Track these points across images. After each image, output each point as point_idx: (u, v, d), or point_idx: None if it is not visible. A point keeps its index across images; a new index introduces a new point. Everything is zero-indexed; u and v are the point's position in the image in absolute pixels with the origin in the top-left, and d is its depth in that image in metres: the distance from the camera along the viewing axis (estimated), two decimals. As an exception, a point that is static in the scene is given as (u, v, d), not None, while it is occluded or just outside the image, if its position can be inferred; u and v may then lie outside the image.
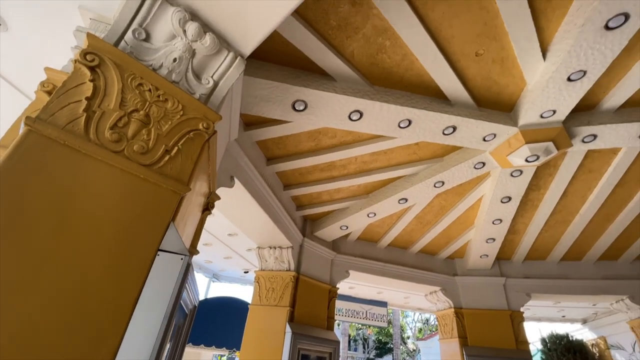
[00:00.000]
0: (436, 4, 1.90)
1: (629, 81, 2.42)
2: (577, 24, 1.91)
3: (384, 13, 1.89)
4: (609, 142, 2.85)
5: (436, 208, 4.06)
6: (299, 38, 2.01)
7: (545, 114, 2.58)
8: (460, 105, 2.63)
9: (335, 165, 3.36)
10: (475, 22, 2.00)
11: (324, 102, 2.38)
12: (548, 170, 3.33)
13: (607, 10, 1.80)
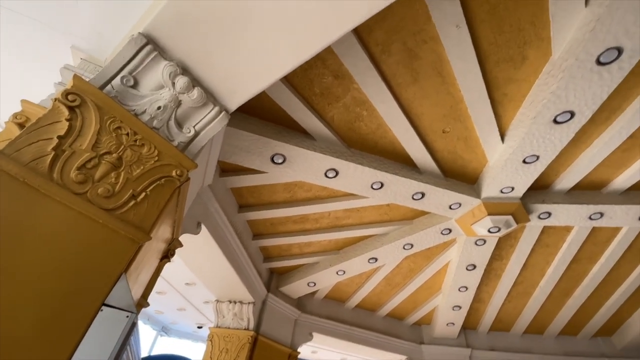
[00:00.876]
0: (409, 86, 2.12)
1: (577, 167, 2.72)
2: (530, 115, 2.18)
3: (362, 88, 2.08)
4: (562, 220, 3.08)
5: (405, 270, 4.05)
6: (284, 99, 2.15)
7: (505, 189, 2.79)
8: (429, 174, 2.80)
9: (309, 219, 3.36)
10: (442, 104, 2.24)
11: (303, 158, 2.46)
12: (509, 242, 3.50)
13: (555, 107, 2.09)
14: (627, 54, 1.76)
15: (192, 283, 4.15)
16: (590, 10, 1.66)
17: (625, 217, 2.98)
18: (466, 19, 1.72)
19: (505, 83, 2.10)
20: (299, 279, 3.99)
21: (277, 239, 3.52)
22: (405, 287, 4.25)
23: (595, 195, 2.95)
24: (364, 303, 4.66)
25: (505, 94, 2.17)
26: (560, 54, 1.86)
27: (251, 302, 3.57)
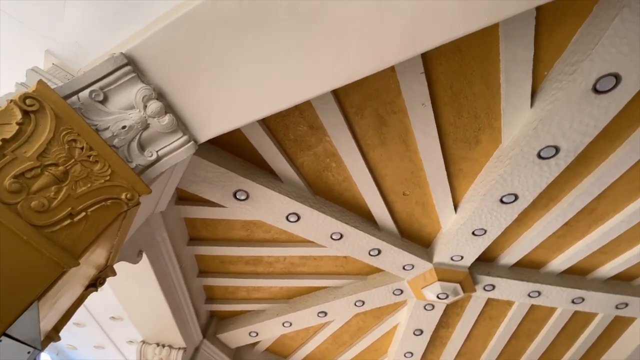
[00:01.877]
0: (376, 147, 2.26)
1: (519, 245, 2.93)
2: (480, 192, 2.38)
3: (334, 142, 2.18)
4: (504, 294, 3.23)
5: (354, 328, 3.92)
6: (257, 138, 2.18)
7: (455, 257, 2.92)
8: (387, 232, 2.87)
9: (262, 261, 3.23)
10: (404, 169, 2.39)
11: (267, 198, 2.43)
12: (456, 310, 3.56)
13: (502, 189, 2.30)
14: (564, 153, 2.03)
15: (118, 317, 3.68)
16: (534, 111, 1.93)
17: (559, 298, 3.19)
18: (431, 99, 1.93)
19: (461, 160, 2.31)
20: (241, 327, 3.70)
21: (225, 279, 3.30)
22: (353, 346, 4.07)
23: (535, 274, 3.16)
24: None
25: (460, 169, 2.37)
26: (508, 143, 2.11)
27: (182, 347, 3.21)
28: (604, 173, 2.23)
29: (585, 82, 1.66)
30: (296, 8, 1.15)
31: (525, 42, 1.67)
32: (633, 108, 1.88)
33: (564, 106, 1.78)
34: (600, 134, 1.99)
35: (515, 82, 1.83)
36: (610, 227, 2.63)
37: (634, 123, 1.97)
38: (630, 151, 2.08)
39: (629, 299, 3.14)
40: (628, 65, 1.57)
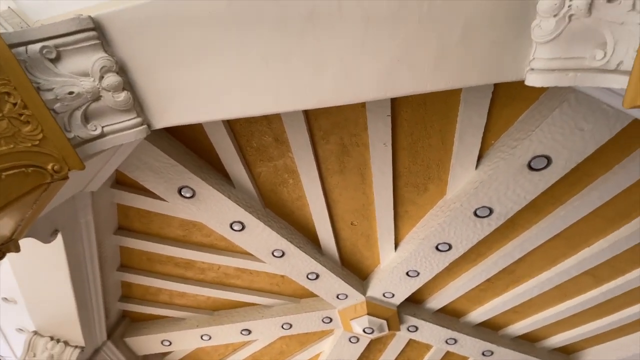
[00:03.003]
0: (335, 174, 2.32)
1: (445, 292, 3.11)
2: (420, 236, 2.52)
3: (296, 160, 2.19)
4: (425, 337, 3.36)
5: (275, 352, 3.79)
6: (218, 137, 2.11)
7: (387, 294, 3.01)
8: (329, 258, 2.89)
9: (194, 266, 3.04)
10: (356, 200, 2.46)
11: (214, 201, 2.34)
12: (378, 347, 3.62)
13: (439, 237, 2.46)
14: (496, 215, 2.25)
15: (12, 300, 3.16)
16: (477, 173, 2.13)
17: (472, 348, 3.40)
18: (392, 141, 2.05)
19: (409, 203, 2.45)
20: (154, 333, 3.39)
21: (149, 278, 3.05)
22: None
23: (455, 322, 3.35)
24: (219, 379, 4.08)
25: (406, 211, 2.50)
26: (451, 196, 2.29)
27: (80, 346, 2.84)
28: (526, 240, 2.50)
29: (522, 158, 1.88)
30: (285, 21, 1.17)
31: (480, 111, 1.87)
32: (558, 189, 2.16)
33: (502, 174, 1.99)
34: (528, 205, 2.25)
35: (466, 144, 2.02)
36: (524, 290, 2.91)
37: (556, 201, 2.26)
38: (550, 225, 2.36)
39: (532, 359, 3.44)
40: (559, 151, 1.82)
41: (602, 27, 0.88)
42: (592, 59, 0.94)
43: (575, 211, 2.23)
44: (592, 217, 2.30)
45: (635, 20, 0.81)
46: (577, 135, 1.71)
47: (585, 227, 2.38)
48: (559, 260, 2.65)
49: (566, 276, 2.69)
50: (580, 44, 0.95)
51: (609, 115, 1.59)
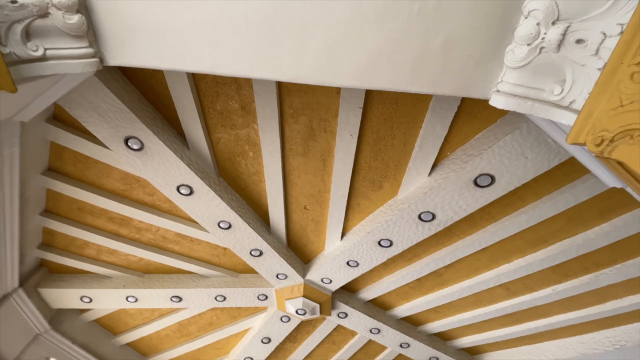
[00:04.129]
0: (298, 155, 2.29)
1: (379, 286, 3.28)
2: (366, 230, 2.61)
3: (260, 133, 2.12)
4: (352, 325, 3.54)
5: (205, 322, 3.74)
6: (179, 91, 1.95)
7: (325, 280, 3.10)
8: (275, 238, 2.89)
9: (131, 224, 2.84)
10: (314, 185, 2.47)
11: (163, 159, 2.18)
12: (307, 328, 3.74)
13: (383, 233, 2.57)
14: (437, 221, 2.40)
15: None
16: (429, 180, 2.25)
17: (392, 339, 3.66)
18: (359, 134, 2.07)
19: (362, 196, 2.52)
20: (73, 287, 3.14)
21: (76, 229, 2.79)
22: (197, 339, 3.86)
23: (381, 313, 3.57)
24: (140, 344, 3.94)
25: (358, 204, 2.57)
26: (401, 197, 2.40)
27: (-20, 291, 2.53)
28: (458, 249, 2.72)
29: (471, 173, 2.02)
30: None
31: (444, 122, 1.96)
32: (494, 207, 2.37)
33: (450, 185, 2.13)
34: (466, 217, 2.44)
35: (425, 151, 2.11)
36: (447, 293, 3.18)
37: (490, 218, 2.48)
38: (480, 239, 2.59)
39: (441, 356, 3.81)
40: (503, 173, 1.99)
41: (565, 65, 0.95)
42: (550, 92, 1.02)
43: (504, 230, 2.47)
44: (517, 238, 2.57)
45: (595, 65, 0.89)
46: (520, 162, 1.88)
47: (509, 245, 2.65)
48: (481, 271, 2.93)
49: (484, 286, 3.00)
50: (543, 77, 1.03)
51: (551, 149, 1.76)
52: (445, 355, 3.80)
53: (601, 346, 3.20)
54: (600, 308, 2.96)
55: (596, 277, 2.65)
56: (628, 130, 0.80)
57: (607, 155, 0.84)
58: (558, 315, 3.19)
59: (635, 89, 0.81)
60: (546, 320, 3.25)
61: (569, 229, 2.42)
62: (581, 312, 3.05)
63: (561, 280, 2.80)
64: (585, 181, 2.06)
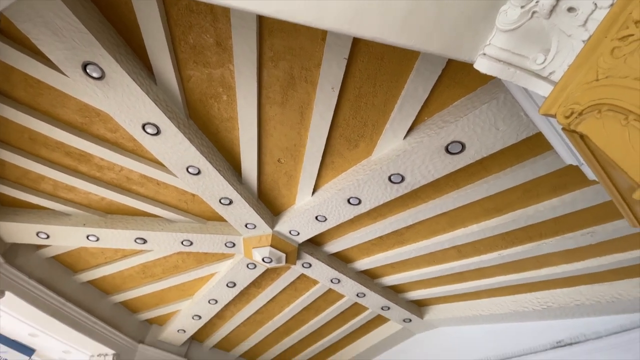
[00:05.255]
0: (275, 105, 2.20)
1: (343, 241, 3.43)
2: (337, 187, 2.66)
3: (236, 75, 1.99)
4: (315, 274, 3.74)
5: (170, 265, 3.77)
6: (147, 16, 1.74)
7: (293, 232, 3.18)
8: (246, 188, 2.86)
9: (91, 161, 2.68)
10: (289, 138, 2.42)
11: (128, 92, 2.01)
12: (272, 275, 3.91)
13: (352, 191, 2.63)
14: (405, 184, 2.48)
15: None
16: (403, 143, 2.28)
17: (350, 289, 3.92)
18: (341, 89, 2.00)
19: (337, 154, 2.52)
20: (28, 222, 3.00)
21: (29, 161, 2.59)
22: (160, 281, 3.92)
23: (343, 266, 3.79)
24: (102, 282, 3.94)
25: (332, 162, 2.58)
26: (374, 158, 2.43)
27: None
28: (420, 211, 2.86)
29: (444, 139, 2.06)
30: None
31: (426, 85, 1.94)
32: (459, 175, 2.48)
33: (422, 150, 2.17)
34: (433, 182, 2.54)
35: (404, 113, 2.11)
36: (405, 251, 3.41)
37: (454, 185, 2.60)
38: (442, 203, 2.74)
39: (392, 306, 4.19)
40: (474, 142, 2.05)
41: (553, 33, 0.94)
42: (533, 61, 1.02)
43: (466, 197, 2.62)
44: (475, 205, 2.75)
45: (580, 37, 0.89)
46: (492, 133, 1.94)
47: (467, 212, 2.84)
48: (438, 233, 3.15)
49: (439, 247, 3.24)
50: (529, 44, 1.02)
51: (522, 123, 1.82)
52: (396, 306, 4.18)
53: (531, 305, 3.67)
54: (536, 273, 3.34)
55: (538, 245, 2.95)
56: (597, 104, 0.83)
57: (573, 127, 0.88)
58: (498, 277, 3.56)
59: (613, 64, 0.82)
60: (487, 281, 3.63)
61: (523, 201, 2.62)
62: (519, 275, 3.43)
63: (507, 246, 3.09)
64: (546, 157, 2.19)
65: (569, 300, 3.41)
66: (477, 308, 4.05)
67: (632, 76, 0.78)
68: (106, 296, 4.10)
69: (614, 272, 3.11)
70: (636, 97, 0.76)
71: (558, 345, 3.51)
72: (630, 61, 0.80)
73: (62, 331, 3.75)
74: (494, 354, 3.93)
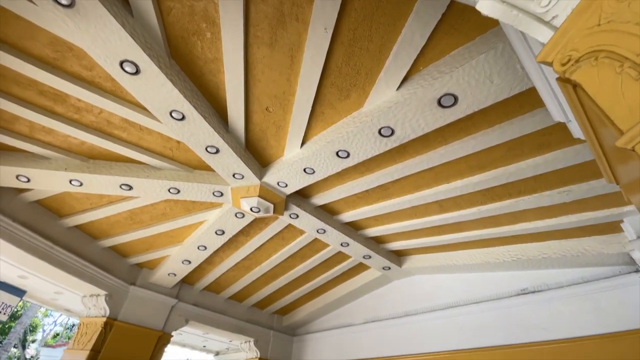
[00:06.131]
0: (263, 46, 2.06)
1: (330, 193, 3.49)
2: (326, 139, 2.63)
3: (221, 9, 1.83)
4: (302, 224, 3.86)
5: (158, 212, 3.80)
6: None
7: (281, 183, 3.20)
8: (234, 137, 2.80)
9: (67, 102, 2.53)
10: (279, 85, 2.32)
11: (102, 25, 1.83)
12: (260, 225, 4.02)
13: (341, 144, 2.61)
14: (395, 137, 2.48)
15: None
16: (396, 94, 2.22)
17: (335, 239, 4.09)
18: (334, 30, 1.88)
19: (328, 104, 2.45)
20: (6, 165, 2.89)
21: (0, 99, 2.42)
22: (149, 227, 3.97)
23: (329, 217, 3.91)
24: (89, 227, 3.97)
25: (323, 112, 2.52)
26: (365, 109, 2.38)
27: None
28: (407, 166, 2.90)
29: (437, 91, 2.02)
30: None
31: (424, 31, 1.84)
32: (449, 130, 2.48)
33: (415, 102, 2.13)
34: (421, 137, 2.55)
35: (399, 62, 2.02)
36: (389, 204, 3.52)
37: (443, 141, 2.61)
38: (429, 159, 2.77)
39: (374, 255, 4.43)
40: (467, 95, 2.02)
41: (562, -29, 0.88)
42: (537, 4, 0.96)
43: (453, 153, 2.66)
44: (461, 162, 2.80)
45: (588, -23, 0.83)
46: (485, 86, 1.90)
47: (452, 168, 2.89)
48: (423, 188, 3.23)
49: (422, 201, 3.35)
50: (536, -16, 0.95)
51: (517, 76, 1.78)
52: (377, 255, 4.43)
53: (502, 257, 3.94)
54: (510, 228, 3.54)
55: (516, 202, 3.09)
56: (595, 51, 0.81)
57: (568, 75, 0.87)
58: (475, 231, 3.77)
59: (617, 9, 0.79)
60: (464, 234, 3.84)
61: (506, 159, 2.68)
62: (494, 230, 3.64)
63: (487, 202, 3.23)
64: (535, 115, 2.20)
65: (537, 253, 3.68)
66: (452, 259, 4.33)
67: (634, 21, 0.76)
68: (94, 241, 4.16)
69: (582, 229, 3.33)
70: (635, 43, 0.74)
71: (522, 293, 3.86)
72: (633, 6, 0.76)
73: (52, 273, 3.84)
74: (463, 299, 4.31)
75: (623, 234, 3.20)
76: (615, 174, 1.40)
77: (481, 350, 3.82)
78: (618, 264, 3.33)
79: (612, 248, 3.24)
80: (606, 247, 3.28)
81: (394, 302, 5.08)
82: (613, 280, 3.29)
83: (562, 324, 3.42)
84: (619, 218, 3.03)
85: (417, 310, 4.69)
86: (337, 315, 5.80)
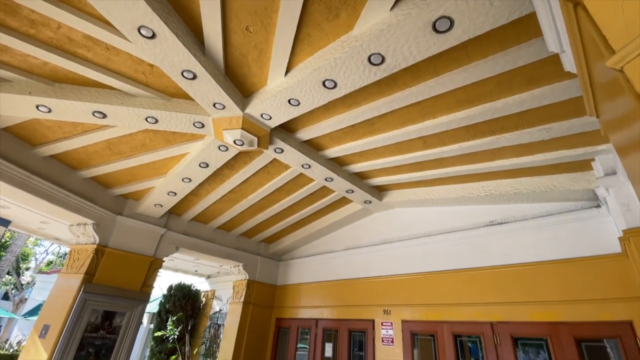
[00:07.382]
0: (240, -53, 1.79)
1: (315, 128, 3.43)
2: (312, 67, 2.48)
3: None
4: (287, 159, 3.86)
5: (137, 143, 3.68)
6: None
7: (265, 115, 3.10)
8: (211, 61, 2.59)
9: (20, 13, 2.22)
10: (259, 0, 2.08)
11: None
12: (245, 159, 3.99)
13: (328, 73, 2.47)
14: (385, 65, 2.35)
15: None
16: (389, 15, 2.04)
17: (319, 174, 4.17)
18: None
19: (314, 26, 2.25)
20: (-41, 86, 2.63)
21: None
22: (129, 159, 3.88)
23: (314, 153, 3.91)
24: (66, 157, 3.84)
25: (309, 34, 2.32)
26: (356, 33, 2.21)
27: None
28: (395, 100, 2.83)
29: (433, 13, 1.87)
30: None
31: (425, -62, 1.62)
32: (440, 60, 2.37)
33: (408, 25, 1.98)
34: (412, 67, 2.44)
35: (395, -24, 1.82)
36: (374, 140, 3.52)
37: (433, 72, 2.51)
38: (418, 92, 2.70)
39: (356, 189, 4.57)
40: (464, 19, 1.88)
41: None
42: None
43: (442, 85, 2.58)
44: (449, 95, 2.74)
45: None
46: (484, 8, 1.77)
47: (440, 102, 2.84)
48: (409, 123, 3.21)
49: (407, 137, 3.36)
50: None
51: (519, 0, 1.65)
52: (359, 190, 4.58)
53: (476, 192, 4.15)
54: (487, 165, 3.66)
55: (497, 139, 3.14)
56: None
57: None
58: (454, 167, 3.89)
59: None
60: (444, 170, 3.97)
61: (495, 94, 2.64)
62: (472, 166, 3.76)
63: (469, 139, 3.27)
64: (530, 46, 2.11)
65: (509, 189, 3.89)
66: (430, 193, 4.55)
67: None
68: (74, 171, 4.07)
69: (555, 167, 3.49)
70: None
71: (490, 224, 4.18)
72: None
73: (34, 202, 3.81)
74: (437, 229, 4.65)
75: (592, 172, 3.38)
76: (598, 108, 1.41)
77: (449, 272, 4.27)
78: (582, 199, 3.59)
79: (579, 185, 3.46)
80: (574, 183, 3.49)
81: (373, 232, 5.44)
82: (574, 213, 3.58)
83: (522, 250, 3.80)
84: (591, 157, 3.17)
85: (394, 239, 5.06)
86: (320, 243, 6.22)
